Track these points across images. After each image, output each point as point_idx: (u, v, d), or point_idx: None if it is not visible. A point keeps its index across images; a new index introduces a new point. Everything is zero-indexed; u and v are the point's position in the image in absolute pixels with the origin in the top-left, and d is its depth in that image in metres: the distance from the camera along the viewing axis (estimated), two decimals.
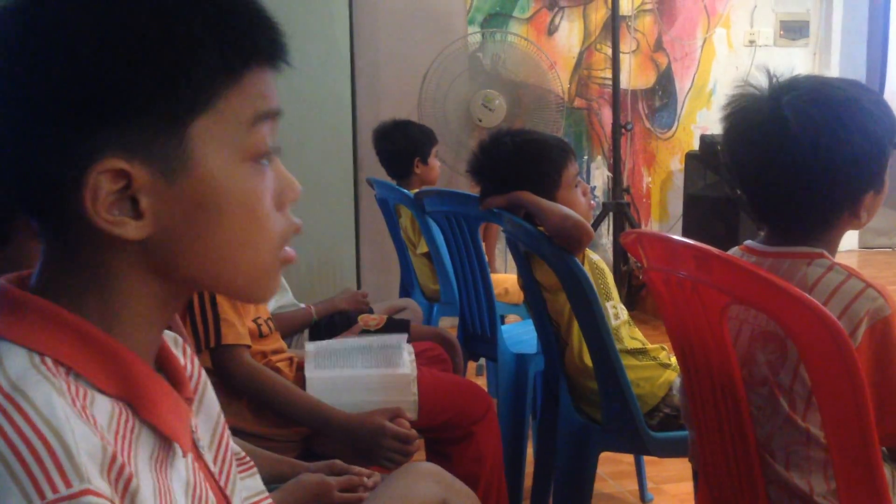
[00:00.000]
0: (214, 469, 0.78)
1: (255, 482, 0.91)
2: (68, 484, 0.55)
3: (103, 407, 0.63)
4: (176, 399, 0.71)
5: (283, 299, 2.38)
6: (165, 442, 0.68)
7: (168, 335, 0.78)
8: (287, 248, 0.72)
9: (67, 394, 0.60)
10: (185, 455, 0.70)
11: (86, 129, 0.61)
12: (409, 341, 2.31)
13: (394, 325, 2.41)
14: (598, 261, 1.94)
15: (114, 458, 0.60)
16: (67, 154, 0.61)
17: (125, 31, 0.60)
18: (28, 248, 1.02)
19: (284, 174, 0.71)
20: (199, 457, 0.74)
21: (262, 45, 0.65)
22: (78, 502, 0.55)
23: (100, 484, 0.57)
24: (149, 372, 0.68)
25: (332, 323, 2.37)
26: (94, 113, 0.61)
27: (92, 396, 0.63)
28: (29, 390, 0.59)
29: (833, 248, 1.28)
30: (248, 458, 0.91)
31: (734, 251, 1.33)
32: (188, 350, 0.81)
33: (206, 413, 0.81)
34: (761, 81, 1.26)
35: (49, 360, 0.62)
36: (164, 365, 0.73)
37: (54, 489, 0.55)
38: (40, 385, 0.59)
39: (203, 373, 0.82)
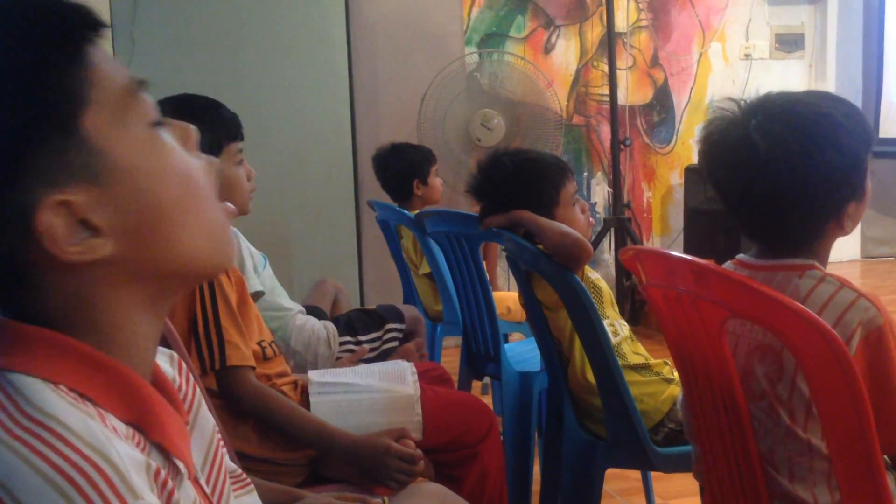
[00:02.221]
0: (208, 489, 0.78)
1: (253, 499, 0.91)
2: (124, 502, 0.56)
3: (121, 430, 0.64)
4: (179, 421, 0.72)
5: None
6: (172, 464, 0.68)
7: (163, 352, 0.78)
8: (227, 203, 0.73)
9: (97, 416, 0.61)
10: (190, 477, 0.71)
11: (5, 188, 0.61)
12: (398, 320, 2.42)
13: (385, 310, 2.53)
14: (596, 279, 1.95)
15: (157, 472, 0.61)
16: (7, 217, 0.61)
17: None
18: None
19: (175, 124, 0.71)
20: (195, 480, 0.75)
21: (80, 24, 0.65)
22: None
23: (152, 499, 0.58)
24: (155, 394, 0.69)
25: (351, 326, 2.40)
26: (2, 168, 0.61)
27: (111, 420, 0.63)
28: (60, 415, 0.59)
29: (823, 259, 1.29)
30: (244, 476, 0.91)
31: (727, 266, 1.34)
32: (184, 367, 0.81)
33: (200, 431, 0.81)
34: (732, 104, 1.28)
35: (64, 388, 0.62)
36: (160, 387, 0.73)
37: None
38: (70, 410, 0.60)
39: (198, 390, 0.83)
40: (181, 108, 1.76)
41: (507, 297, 3.06)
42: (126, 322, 0.67)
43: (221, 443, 0.85)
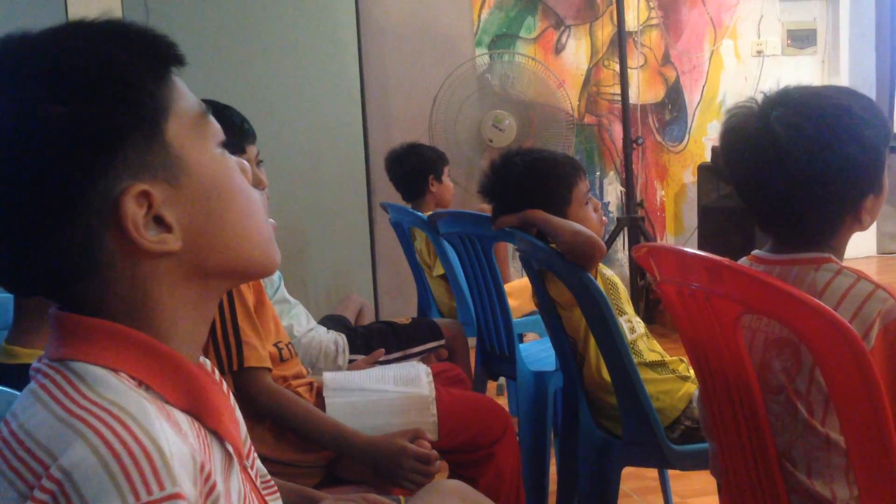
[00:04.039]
0: (257, 482, 0.82)
1: None
2: (161, 486, 0.59)
3: (181, 418, 0.67)
4: (231, 408, 0.76)
5: (311, 323, 2.40)
6: (226, 451, 0.71)
7: None
8: (271, 220, 0.81)
9: (153, 403, 0.65)
10: (241, 464, 0.74)
11: (95, 173, 0.66)
12: (434, 337, 2.38)
13: (419, 323, 2.51)
14: (611, 276, 1.95)
15: (202, 467, 0.64)
16: (88, 203, 0.66)
17: (79, 79, 0.67)
18: None
19: (234, 158, 0.78)
20: (244, 469, 0.78)
21: (169, 54, 0.74)
22: None
23: (189, 490, 0.61)
24: (209, 382, 0.73)
25: (367, 344, 2.40)
26: (97, 155, 0.66)
27: (169, 409, 0.67)
28: (121, 400, 0.63)
29: (840, 253, 1.28)
30: (272, 482, 0.93)
31: (742, 261, 1.34)
32: (216, 372, 0.84)
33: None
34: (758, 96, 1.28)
35: (125, 376, 0.66)
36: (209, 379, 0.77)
37: (149, 491, 0.58)
38: (130, 396, 0.64)
39: (231, 396, 0.85)
40: None
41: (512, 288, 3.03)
42: (179, 317, 0.72)
43: (253, 448, 0.87)
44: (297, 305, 2.39)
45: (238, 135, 1.77)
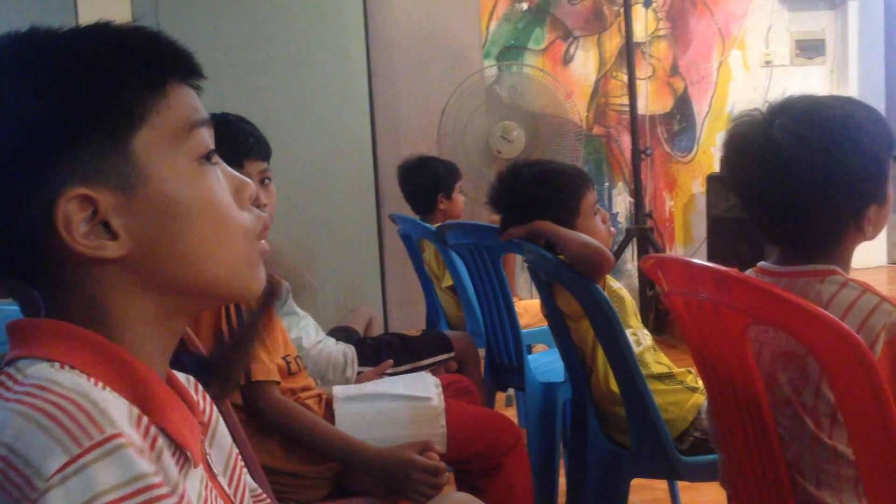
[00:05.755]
0: (230, 491, 0.80)
1: None
2: (101, 430, 0.59)
3: (122, 403, 0.66)
4: (186, 411, 0.74)
5: (319, 335, 2.40)
6: (179, 450, 0.70)
7: (180, 375, 0.81)
8: (262, 241, 0.76)
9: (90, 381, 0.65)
10: (195, 465, 0.72)
11: (39, 171, 0.66)
12: (444, 349, 2.37)
13: (429, 335, 2.49)
14: (618, 289, 1.95)
15: (140, 417, 0.65)
16: (31, 199, 0.66)
17: (55, 76, 0.67)
18: None
19: (234, 174, 0.76)
20: (213, 477, 0.77)
21: (173, 64, 0.72)
22: (111, 445, 0.59)
23: (131, 432, 0.62)
24: (161, 383, 0.72)
25: (376, 356, 2.40)
26: (43, 153, 0.66)
27: (113, 394, 0.66)
28: (53, 377, 0.63)
29: (845, 264, 1.28)
30: (263, 495, 0.93)
31: (748, 273, 1.34)
32: (199, 388, 0.84)
33: (219, 446, 0.84)
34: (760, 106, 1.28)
35: (66, 367, 0.66)
36: (173, 387, 0.76)
37: (89, 436, 0.59)
38: (65, 373, 0.64)
39: (215, 409, 0.85)
40: None
41: (524, 307, 3.05)
42: (136, 325, 0.71)
43: (241, 461, 0.87)
44: (306, 317, 2.40)
45: (231, 149, 1.73)
